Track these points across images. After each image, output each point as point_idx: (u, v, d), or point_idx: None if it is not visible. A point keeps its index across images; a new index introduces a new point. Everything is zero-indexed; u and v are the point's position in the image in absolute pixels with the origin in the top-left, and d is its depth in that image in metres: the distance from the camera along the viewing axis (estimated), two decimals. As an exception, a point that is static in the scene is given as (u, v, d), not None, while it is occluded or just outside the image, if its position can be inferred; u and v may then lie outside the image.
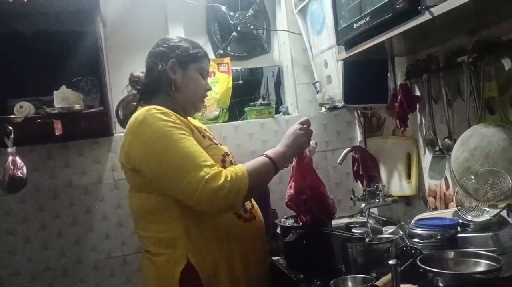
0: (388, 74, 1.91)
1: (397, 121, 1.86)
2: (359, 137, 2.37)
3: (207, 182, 1.27)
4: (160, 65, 1.50)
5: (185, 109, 1.53)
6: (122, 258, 2.09)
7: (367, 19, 1.40)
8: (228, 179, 1.30)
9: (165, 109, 1.40)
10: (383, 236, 1.47)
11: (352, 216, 2.33)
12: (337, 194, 2.35)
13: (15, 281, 1.97)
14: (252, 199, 1.57)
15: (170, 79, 1.50)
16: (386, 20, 1.30)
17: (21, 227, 1.99)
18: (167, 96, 1.51)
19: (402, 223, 1.53)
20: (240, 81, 2.50)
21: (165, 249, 1.40)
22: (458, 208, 1.43)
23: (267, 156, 1.45)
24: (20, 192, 1.79)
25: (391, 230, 1.51)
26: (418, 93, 1.78)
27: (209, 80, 1.77)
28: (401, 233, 1.46)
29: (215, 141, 1.58)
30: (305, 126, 1.57)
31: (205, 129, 1.66)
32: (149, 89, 1.54)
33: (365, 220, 1.99)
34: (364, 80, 1.91)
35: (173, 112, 1.42)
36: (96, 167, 2.08)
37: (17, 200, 1.97)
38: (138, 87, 1.57)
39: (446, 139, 1.60)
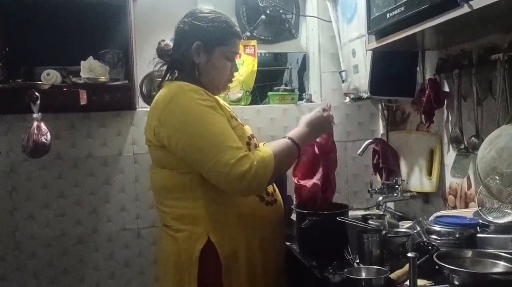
0: (417, 68, 1.88)
1: (423, 116, 1.83)
2: (381, 130, 2.34)
3: (233, 165, 1.26)
4: (185, 45, 1.45)
5: (208, 90, 1.49)
6: (136, 231, 2.12)
7: (402, 8, 1.37)
8: (255, 163, 1.29)
9: (195, 86, 1.38)
10: (400, 229, 1.45)
11: (368, 209, 2.33)
12: (354, 185, 2.35)
13: (31, 245, 2.02)
14: (274, 183, 1.56)
15: (193, 63, 1.45)
16: (421, 11, 1.27)
17: (40, 193, 2.03)
18: (192, 75, 1.48)
19: (420, 219, 1.51)
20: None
21: (186, 226, 1.41)
22: (479, 208, 1.41)
23: (290, 139, 1.44)
24: (41, 158, 1.81)
25: (408, 225, 1.49)
26: (447, 89, 1.74)
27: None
28: (418, 228, 1.45)
29: (241, 121, 1.57)
30: (328, 112, 1.56)
31: (230, 109, 1.66)
32: (175, 64, 1.52)
33: (381, 213, 1.97)
34: (392, 72, 1.88)
35: (203, 91, 1.40)
36: (117, 140, 2.10)
37: (38, 166, 2.01)
38: (166, 59, 1.53)
39: (473, 138, 1.56)
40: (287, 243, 1.69)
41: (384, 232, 1.39)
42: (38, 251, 2.03)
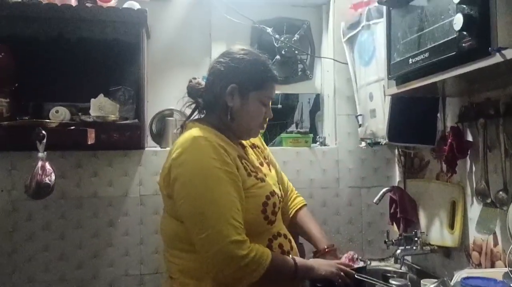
0: (438, 115, 1.81)
1: (444, 165, 1.74)
2: (397, 177, 2.24)
3: (230, 243, 1.19)
4: (219, 87, 1.36)
5: (238, 135, 1.42)
6: (139, 277, 2.01)
7: (426, 55, 1.31)
8: (253, 254, 1.21)
9: (214, 141, 1.28)
10: (424, 292, 1.34)
11: (382, 260, 2.21)
12: (368, 234, 2.23)
13: (28, 289, 1.92)
14: (292, 240, 1.46)
15: (226, 105, 1.36)
16: (448, 58, 1.21)
17: (41, 234, 1.93)
18: (223, 119, 1.39)
19: (445, 279, 1.40)
20: (279, 106, 2.44)
21: (190, 279, 1.30)
22: (509, 269, 1.30)
23: (295, 262, 1.33)
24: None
25: (433, 286, 1.38)
26: (470, 138, 1.66)
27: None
28: (444, 290, 1.33)
29: (263, 172, 1.45)
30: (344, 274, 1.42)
31: (258, 154, 1.55)
32: (206, 105, 1.44)
33: (399, 266, 1.86)
34: (412, 118, 1.81)
35: (223, 142, 1.31)
36: (123, 180, 2.02)
37: (41, 205, 1.93)
38: (199, 100, 1.45)
39: (501, 192, 1.47)
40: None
41: (407, 294, 1.28)
42: (35, 296, 1.92)
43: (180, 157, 1.26)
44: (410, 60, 1.39)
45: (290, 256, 1.36)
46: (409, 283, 1.42)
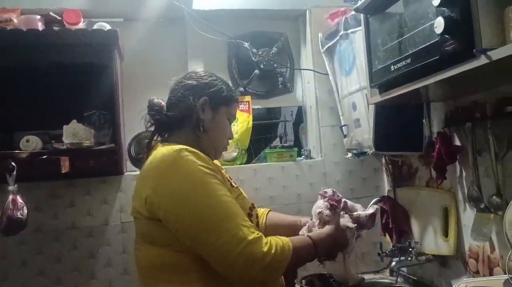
0: (423, 121, 1.77)
1: (433, 172, 1.69)
2: (386, 186, 2.20)
3: (249, 243, 1.12)
4: (191, 99, 1.34)
5: (207, 152, 1.35)
6: (125, 310, 1.91)
7: (408, 61, 1.27)
8: (273, 250, 1.15)
9: (197, 151, 1.23)
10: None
11: (377, 272, 2.15)
12: (361, 246, 2.16)
13: (6, 331, 1.80)
14: None
15: (198, 118, 1.34)
16: (431, 62, 1.16)
17: (17, 272, 1.83)
18: (192, 135, 1.35)
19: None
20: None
21: None
22: (509, 276, 1.25)
23: (312, 240, 1.31)
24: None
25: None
26: (458, 142, 1.62)
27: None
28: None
29: (240, 189, 1.43)
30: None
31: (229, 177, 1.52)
32: (173, 123, 1.37)
33: (394, 278, 1.80)
34: (397, 126, 1.76)
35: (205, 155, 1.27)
36: (103, 208, 1.93)
37: (15, 241, 1.82)
38: (157, 117, 1.38)
39: (494, 197, 1.42)
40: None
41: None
42: None
43: (167, 173, 1.19)
44: (392, 67, 1.34)
45: (308, 236, 1.33)
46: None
